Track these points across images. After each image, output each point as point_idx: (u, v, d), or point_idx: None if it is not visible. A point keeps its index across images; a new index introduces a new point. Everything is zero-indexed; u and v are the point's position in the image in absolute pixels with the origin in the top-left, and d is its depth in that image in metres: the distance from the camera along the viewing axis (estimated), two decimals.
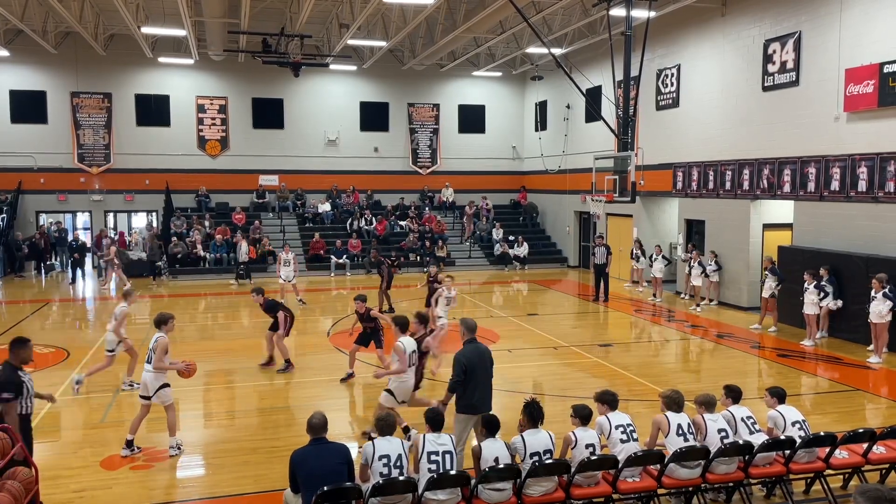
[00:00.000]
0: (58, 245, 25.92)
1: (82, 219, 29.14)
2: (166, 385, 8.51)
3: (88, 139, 26.96)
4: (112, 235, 26.38)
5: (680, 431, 6.80)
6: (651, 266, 20.30)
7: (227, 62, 27.42)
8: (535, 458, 6.40)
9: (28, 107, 26.29)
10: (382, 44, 24.15)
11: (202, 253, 25.04)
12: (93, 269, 26.11)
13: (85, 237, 27.64)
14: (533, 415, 6.66)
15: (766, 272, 15.97)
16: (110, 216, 28.91)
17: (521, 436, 6.58)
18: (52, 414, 10.08)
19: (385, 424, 6.28)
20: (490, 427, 6.63)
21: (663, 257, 20.21)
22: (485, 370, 7.45)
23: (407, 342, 8.63)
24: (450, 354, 8.76)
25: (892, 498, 3.30)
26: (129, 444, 8.45)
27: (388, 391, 8.62)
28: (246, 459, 8.38)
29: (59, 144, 26.65)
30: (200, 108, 28.16)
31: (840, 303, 14.48)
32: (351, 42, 23.42)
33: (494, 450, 6.40)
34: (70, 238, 25.05)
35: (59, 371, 12.36)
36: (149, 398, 8.47)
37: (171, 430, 8.56)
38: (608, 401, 7.02)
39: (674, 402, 6.98)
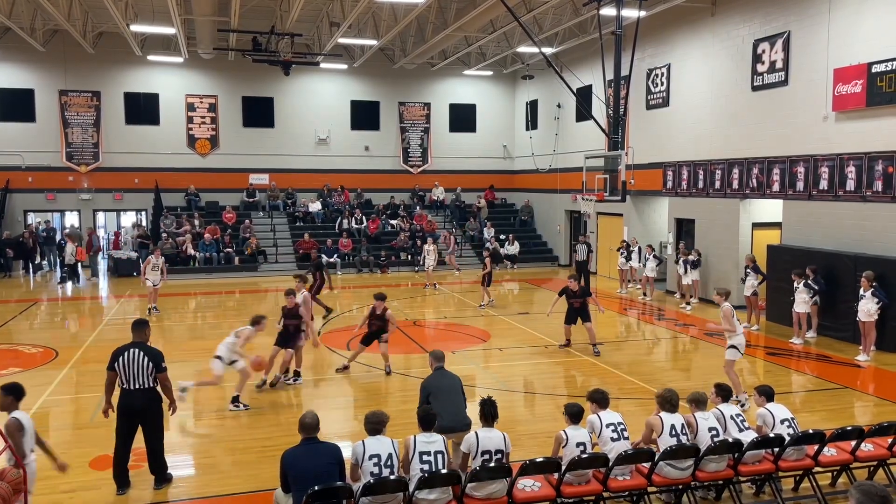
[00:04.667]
0: (46, 245, 25.74)
1: (71, 218, 28.92)
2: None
3: (77, 138, 26.78)
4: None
5: (673, 432, 6.81)
6: (644, 266, 20.44)
7: (217, 60, 27.31)
8: (486, 456, 6.34)
9: (16, 105, 26.08)
10: (373, 42, 24.11)
11: (192, 252, 24.95)
12: (81, 269, 25.92)
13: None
14: (485, 413, 6.60)
15: (748, 270, 16.10)
16: (99, 215, 28.76)
17: (475, 432, 6.51)
18: (41, 414, 10.01)
19: (375, 424, 6.26)
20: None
21: (654, 256, 20.33)
22: (450, 392, 7.36)
23: (726, 307, 10.15)
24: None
25: (883, 494, 3.38)
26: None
27: (733, 347, 10.10)
28: (236, 459, 8.36)
29: (47, 143, 26.46)
30: (190, 107, 28.04)
31: (816, 298, 14.54)
32: (341, 41, 23.38)
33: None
34: (59, 237, 24.89)
35: (48, 371, 12.29)
36: None
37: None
38: (599, 399, 7.04)
39: (668, 401, 6.99)
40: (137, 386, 7.28)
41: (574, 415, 6.79)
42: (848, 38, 14.89)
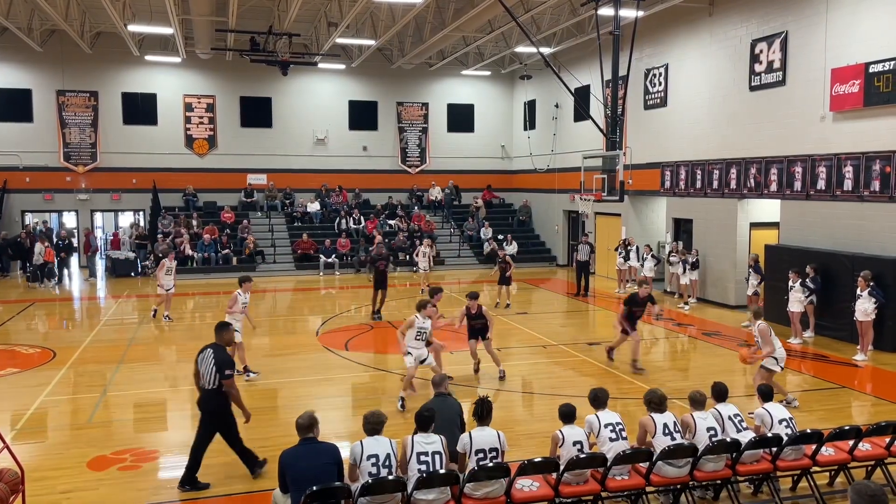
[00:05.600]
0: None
1: (68, 218, 28.89)
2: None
3: (74, 138, 26.75)
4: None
5: (666, 431, 6.82)
6: (642, 265, 20.49)
7: (215, 60, 27.28)
8: (480, 454, 6.34)
9: (13, 105, 26.03)
10: (371, 42, 24.11)
11: (189, 252, 24.92)
12: (79, 269, 25.92)
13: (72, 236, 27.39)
14: (478, 412, 6.58)
15: (750, 270, 16.15)
16: (97, 215, 28.71)
17: (469, 432, 6.51)
18: (39, 415, 9.99)
19: (373, 424, 6.25)
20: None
21: (653, 256, 20.37)
22: (445, 423, 6.94)
23: (762, 326, 9.92)
24: None
25: (872, 493, 3.45)
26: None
27: (774, 358, 9.93)
28: (234, 459, 8.33)
29: (44, 143, 26.42)
30: (188, 107, 28.01)
31: (812, 298, 14.55)
32: (339, 41, 23.37)
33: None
34: (55, 237, 24.86)
35: (46, 371, 12.27)
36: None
37: None
38: (598, 399, 7.05)
39: (652, 402, 7.01)
40: (205, 385, 7.53)
41: (566, 415, 6.81)
42: (845, 39, 14.92)
